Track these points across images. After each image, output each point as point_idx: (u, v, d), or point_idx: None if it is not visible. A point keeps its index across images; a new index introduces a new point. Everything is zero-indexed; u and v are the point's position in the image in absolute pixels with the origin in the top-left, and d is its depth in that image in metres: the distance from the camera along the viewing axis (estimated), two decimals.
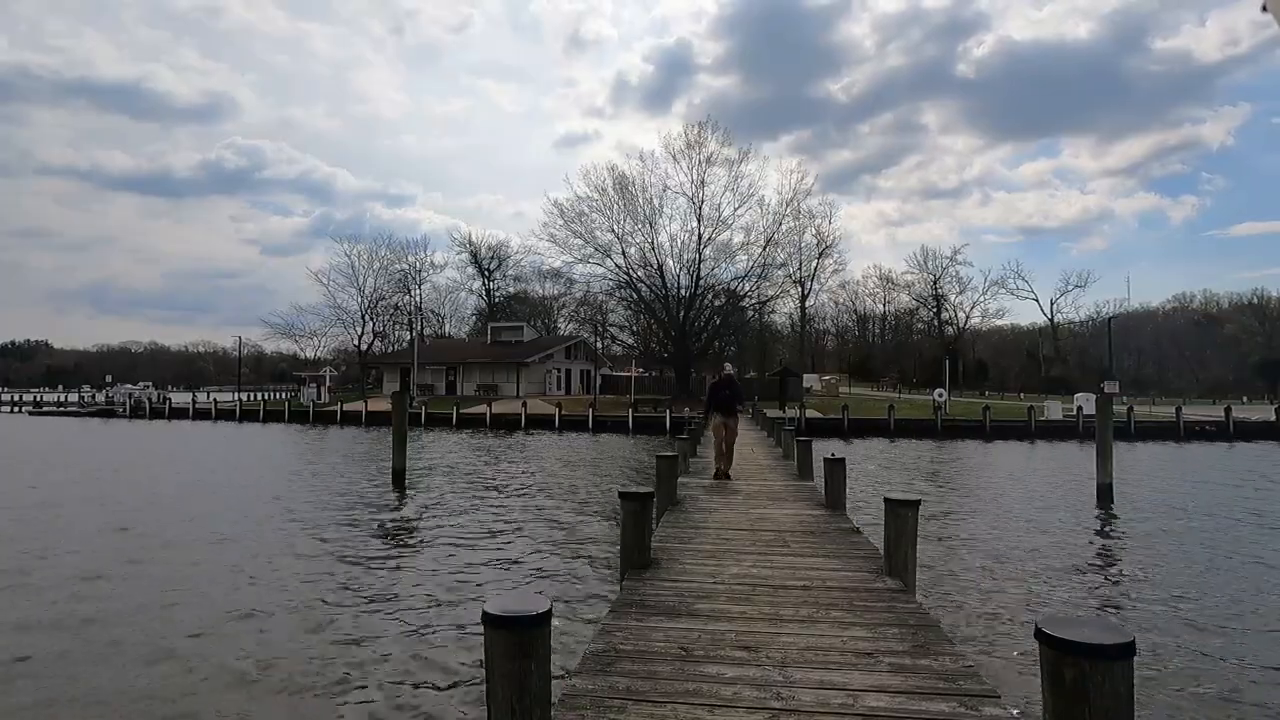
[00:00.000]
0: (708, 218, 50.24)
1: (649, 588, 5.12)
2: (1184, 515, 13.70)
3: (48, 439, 31.67)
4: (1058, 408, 36.50)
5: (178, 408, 48.05)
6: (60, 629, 6.98)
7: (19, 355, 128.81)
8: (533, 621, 2.52)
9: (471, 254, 76.80)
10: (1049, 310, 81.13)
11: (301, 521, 12.57)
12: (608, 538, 10.82)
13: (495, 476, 18.86)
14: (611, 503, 13.64)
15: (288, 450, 27.06)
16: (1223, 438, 31.98)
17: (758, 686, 3.37)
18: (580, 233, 50.65)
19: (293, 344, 71.06)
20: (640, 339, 56.30)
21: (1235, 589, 8.65)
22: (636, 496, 5.64)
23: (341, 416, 42.52)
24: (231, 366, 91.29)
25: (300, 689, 5.67)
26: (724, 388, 11.46)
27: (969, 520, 13.08)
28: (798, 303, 69.50)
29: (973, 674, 3.54)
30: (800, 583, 5.29)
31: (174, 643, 6.63)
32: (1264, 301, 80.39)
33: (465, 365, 54.46)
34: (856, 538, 7.02)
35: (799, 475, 12.11)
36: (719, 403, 11.34)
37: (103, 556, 9.94)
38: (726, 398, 11.33)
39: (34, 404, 59.42)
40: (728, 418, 11.22)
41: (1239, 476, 19.86)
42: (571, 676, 3.51)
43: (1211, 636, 6.95)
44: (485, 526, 12.28)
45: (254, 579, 8.88)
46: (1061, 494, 16.33)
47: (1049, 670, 2.21)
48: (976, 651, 6.31)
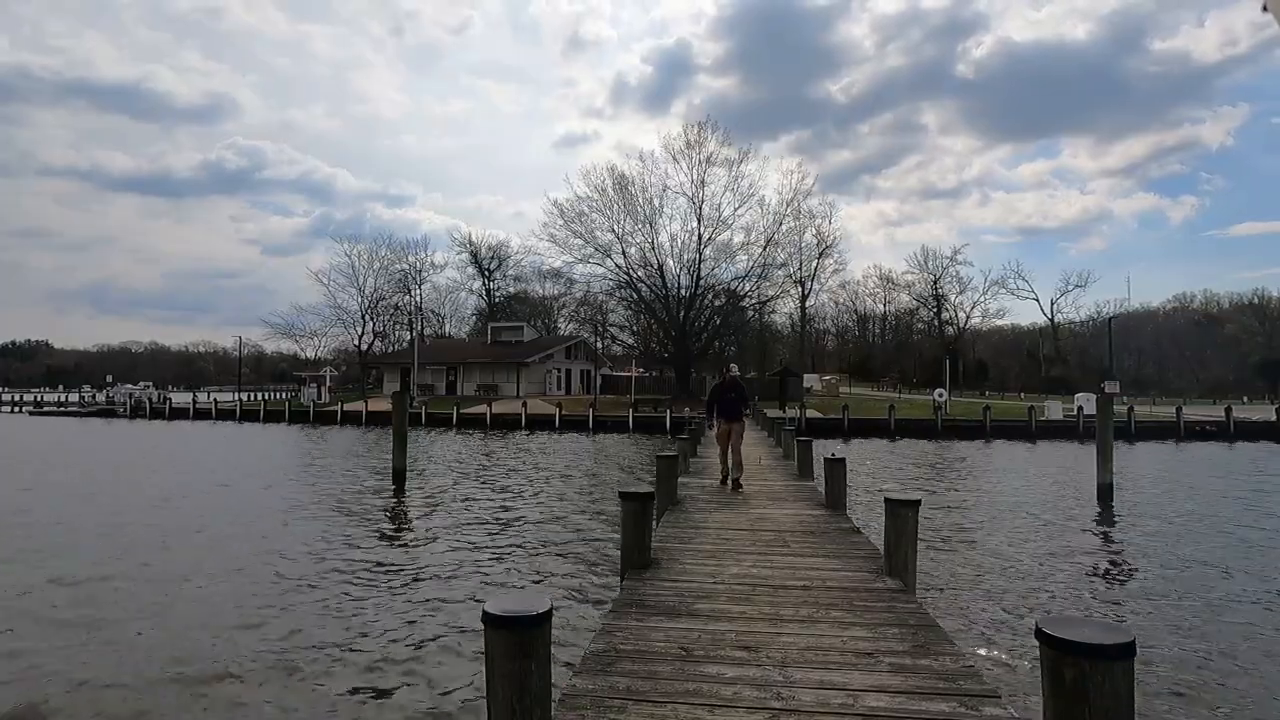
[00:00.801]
0: (708, 218, 50.35)
1: (649, 588, 5.12)
2: (1184, 515, 13.69)
3: (47, 439, 31.67)
4: (1058, 408, 36.49)
5: (178, 408, 48.05)
6: (58, 629, 6.98)
7: (19, 355, 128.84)
8: (533, 621, 2.52)
9: (471, 254, 76.86)
10: (1049, 310, 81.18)
11: (301, 521, 12.57)
12: (608, 538, 10.82)
13: (495, 477, 18.86)
14: (611, 503, 13.64)
15: (288, 450, 27.06)
16: (1223, 438, 31.96)
17: (758, 686, 3.37)
18: (580, 233, 50.76)
19: (293, 344, 71.21)
20: (640, 339, 56.31)
21: (1235, 589, 8.65)
22: (636, 496, 5.64)
23: (342, 416, 42.51)
24: (232, 366, 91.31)
25: (300, 689, 5.66)
26: (728, 390, 10.63)
27: (969, 520, 13.08)
28: (798, 303, 69.48)
29: (973, 674, 3.54)
30: (800, 583, 5.29)
31: (174, 642, 6.63)
32: (1264, 301, 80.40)
33: (465, 365, 54.47)
34: (856, 538, 7.02)
35: (799, 475, 12.11)
36: (722, 407, 10.53)
37: (98, 558, 9.94)
38: (731, 401, 10.50)
39: (34, 404, 59.43)
40: (732, 423, 10.43)
41: (1239, 476, 19.84)
42: (571, 676, 3.51)
43: (1212, 636, 6.94)
44: (485, 526, 12.28)
45: (253, 578, 8.87)
46: (1062, 494, 16.33)
47: (1049, 670, 2.21)
48: (976, 651, 6.31)
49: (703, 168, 50.22)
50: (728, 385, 10.72)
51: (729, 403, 10.51)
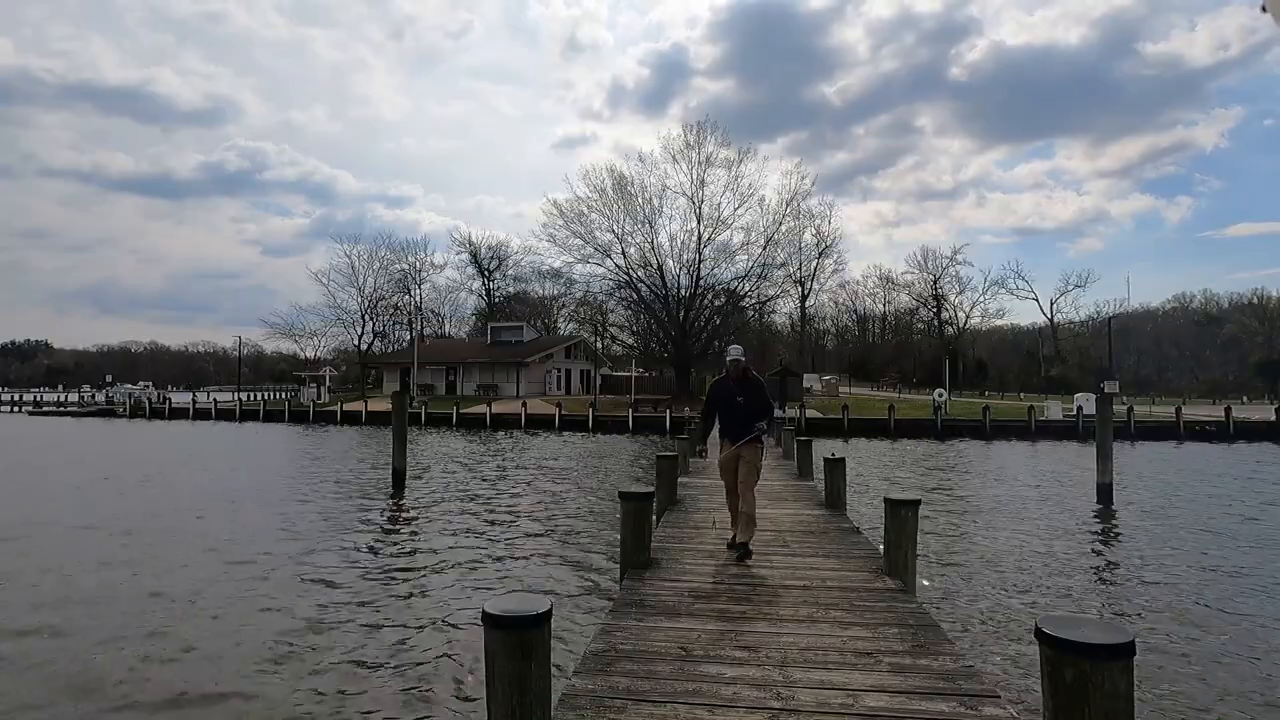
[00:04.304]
0: (707, 218, 50.35)
1: (649, 588, 5.12)
2: (1184, 515, 13.69)
3: (47, 439, 31.66)
4: (1058, 408, 36.50)
5: (178, 408, 48.06)
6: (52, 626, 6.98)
7: (19, 355, 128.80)
8: (533, 621, 2.52)
9: (471, 254, 76.88)
10: (1049, 310, 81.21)
11: (301, 521, 12.56)
12: (608, 538, 10.81)
13: (495, 476, 18.86)
14: (611, 503, 13.63)
15: (288, 450, 27.05)
16: (1223, 438, 31.96)
17: (758, 686, 3.37)
18: (580, 233, 50.78)
19: (293, 344, 71.36)
20: (640, 339, 56.28)
21: (1235, 588, 8.65)
22: (636, 496, 5.64)
23: (341, 416, 42.52)
24: (231, 366, 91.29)
25: (299, 688, 5.66)
26: (738, 388, 6.26)
27: (969, 520, 13.08)
28: (798, 303, 69.64)
29: (973, 674, 3.54)
30: (800, 583, 5.29)
31: (173, 641, 6.63)
32: (1264, 301, 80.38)
33: (465, 365, 54.48)
34: (856, 538, 7.02)
35: (799, 475, 12.11)
36: (728, 417, 6.29)
37: (89, 559, 9.94)
38: (739, 410, 6.21)
39: (34, 404, 59.41)
40: (742, 448, 6.16)
41: (1239, 476, 19.85)
42: (571, 676, 3.51)
43: (1212, 636, 6.95)
44: (485, 527, 12.28)
45: (252, 578, 8.87)
46: (1061, 494, 16.33)
47: (1049, 670, 2.21)
48: (976, 651, 6.31)
49: (702, 168, 50.32)
50: (737, 379, 6.29)
51: (737, 411, 6.22)
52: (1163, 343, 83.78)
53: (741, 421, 6.23)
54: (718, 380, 6.62)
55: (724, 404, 6.35)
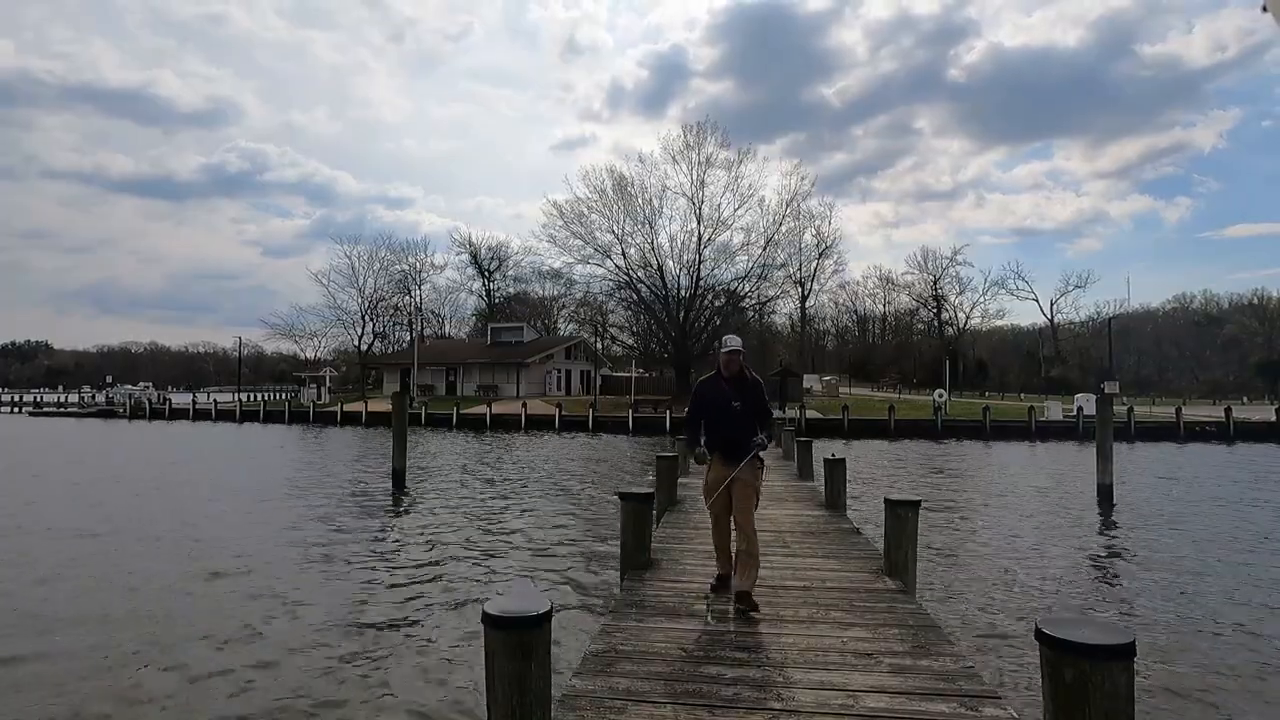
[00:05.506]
0: (707, 218, 50.35)
1: (649, 588, 5.12)
2: (1184, 516, 13.69)
3: (47, 439, 31.66)
4: (1058, 408, 36.50)
5: (178, 408, 48.08)
6: (49, 628, 6.98)
7: (19, 356, 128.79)
8: (533, 622, 2.52)
9: (471, 255, 76.91)
10: (1049, 311, 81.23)
11: (301, 521, 12.55)
12: (608, 538, 10.80)
13: (495, 477, 18.86)
14: (611, 503, 13.63)
15: (288, 450, 27.04)
16: (1223, 438, 31.96)
17: (758, 687, 3.37)
18: (580, 233, 50.78)
19: (293, 344, 71.33)
20: (640, 339, 56.30)
21: (1235, 589, 8.64)
22: (636, 496, 5.64)
23: (341, 417, 42.52)
24: (231, 367, 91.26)
25: (299, 688, 5.66)
26: (726, 387, 4.94)
27: (969, 521, 13.08)
28: (798, 303, 69.62)
29: (973, 674, 3.54)
30: (800, 583, 5.29)
31: (173, 641, 6.62)
32: (1264, 301, 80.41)
33: (465, 366, 54.50)
34: (856, 538, 7.02)
35: (799, 475, 12.11)
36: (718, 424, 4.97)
37: (87, 559, 9.93)
38: (733, 416, 4.87)
39: (34, 404, 59.43)
40: (728, 467, 4.89)
41: (1239, 477, 19.84)
42: (571, 676, 3.51)
43: (1211, 636, 6.94)
44: (485, 526, 12.27)
45: (250, 578, 8.87)
46: (1062, 494, 16.32)
47: (1049, 670, 2.21)
48: (976, 652, 6.31)
49: (702, 168, 50.32)
50: (732, 378, 4.97)
51: (732, 419, 4.89)
52: (1163, 343, 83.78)
53: (737, 431, 4.80)
54: (706, 379, 5.14)
55: (715, 409, 4.91)
